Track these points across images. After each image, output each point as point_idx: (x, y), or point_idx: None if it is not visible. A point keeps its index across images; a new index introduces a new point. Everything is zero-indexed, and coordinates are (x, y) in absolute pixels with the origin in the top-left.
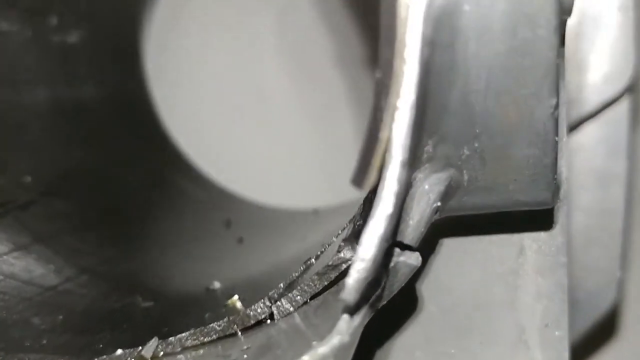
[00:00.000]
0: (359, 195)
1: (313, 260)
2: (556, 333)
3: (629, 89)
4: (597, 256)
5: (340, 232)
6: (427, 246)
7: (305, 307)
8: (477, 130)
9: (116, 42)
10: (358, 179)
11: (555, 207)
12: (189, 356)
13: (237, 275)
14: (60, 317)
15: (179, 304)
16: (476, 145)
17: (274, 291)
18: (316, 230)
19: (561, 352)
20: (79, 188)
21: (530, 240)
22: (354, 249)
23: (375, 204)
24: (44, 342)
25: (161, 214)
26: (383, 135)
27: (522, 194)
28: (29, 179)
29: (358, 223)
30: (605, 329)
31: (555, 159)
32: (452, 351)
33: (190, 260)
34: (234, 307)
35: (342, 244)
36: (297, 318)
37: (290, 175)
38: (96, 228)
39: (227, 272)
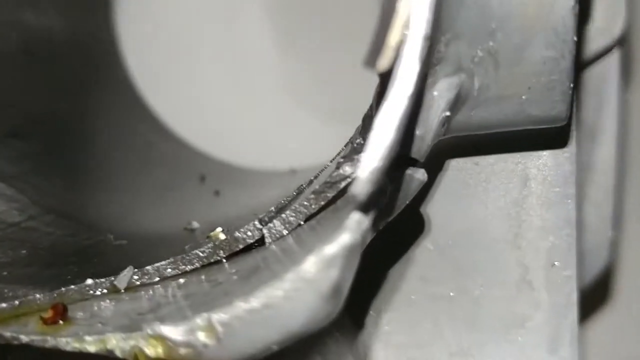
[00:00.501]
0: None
1: (304, 185)
2: (563, 273)
3: (620, 42)
4: (588, 214)
5: (335, 156)
6: (429, 168)
7: (299, 229)
8: (494, 26)
9: None
10: (371, 59)
11: (566, 128)
12: (169, 287)
13: (216, 220)
14: (24, 251)
15: (156, 241)
16: (491, 44)
17: (264, 214)
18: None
19: (569, 293)
20: (46, 132)
21: (536, 169)
22: (354, 165)
23: (391, 84)
24: (5, 273)
25: (132, 164)
26: (401, 6)
27: (535, 107)
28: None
29: (357, 141)
30: (598, 290)
31: (573, 62)
32: (451, 294)
33: (165, 205)
34: (217, 238)
35: (342, 160)
36: (290, 239)
37: (266, 135)
38: (63, 172)
39: (205, 216)
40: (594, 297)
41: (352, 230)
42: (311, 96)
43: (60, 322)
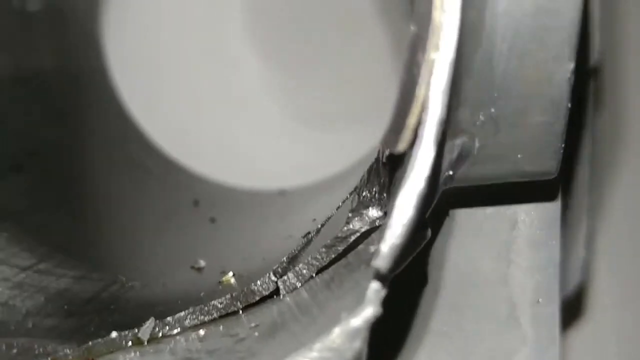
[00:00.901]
0: (324, 175)
1: (312, 234)
2: (547, 309)
3: (592, 72)
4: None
5: (340, 204)
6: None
7: (312, 282)
8: (496, 95)
9: (75, 13)
10: (390, 140)
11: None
12: (189, 337)
13: (217, 254)
14: (42, 298)
15: (166, 282)
16: (492, 110)
17: (277, 265)
18: (285, 211)
19: (552, 328)
20: (43, 165)
21: (524, 214)
22: (362, 220)
23: (410, 165)
24: (30, 325)
25: (130, 194)
26: (420, 92)
27: (529, 164)
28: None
29: (363, 194)
30: (571, 311)
31: (565, 126)
32: (445, 329)
33: (165, 238)
34: (229, 284)
35: (350, 215)
36: (304, 294)
37: (255, 156)
38: (64, 206)
39: (206, 250)
40: (567, 317)
41: (374, 303)
42: (300, 118)
43: None
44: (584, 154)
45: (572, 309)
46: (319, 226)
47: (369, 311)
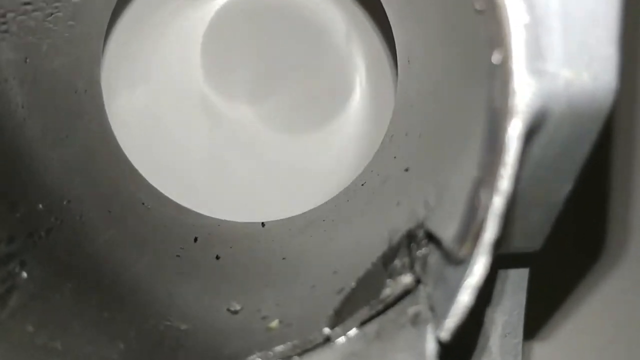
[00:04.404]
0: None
1: (348, 289)
2: (513, 341)
3: None
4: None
5: (371, 265)
6: None
7: (359, 332)
8: (515, 200)
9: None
10: (457, 243)
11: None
12: None
13: (240, 291)
14: (122, 346)
15: (214, 326)
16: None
17: (327, 318)
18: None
19: (516, 355)
20: (81, 215)
21: (502, 271)
22: (396, 285)
23: (469, 270)
24: None
25: (144, 236)
26: (479, 218)
27: (522, 243)
28: (40, 206)
29: (393, 264)
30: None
31: (554, 219)
32: None
33: (184, 280)
34: (276, 329)
35: (388, 281)
36: (357, 343)
37: (238, 190)
38: (97, 257)
39: (228, 288)
40: None
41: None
42: (280, 154)
43: None
44: None
45: None
46: (355, 285)
47: None
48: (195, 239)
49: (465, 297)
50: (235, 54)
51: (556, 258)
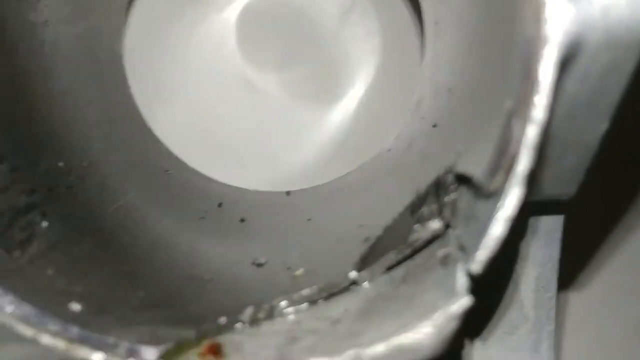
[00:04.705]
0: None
1: (373, 240)
2: (546, 295)
3: None
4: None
5: (396, 216)
6: None
7: (385, 276)
8: (548, 140)
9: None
10: (489, 176)
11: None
12: (286, 321)
13: (266, 250)
14: (142, 293)
15: (238, 276)
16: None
17: (353, 264)
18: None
19: (549, 310)
20: (101, 177)
21: (534, 219)
22: (425, 230)
23: (501, 201)
24: (146, 316)
25: (162, 197)
26: (512, 149)
27: (555, 189)
28: (62, 164)
29: (422, 210)
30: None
31: (590, 162)
32: None
33: (207, 239)
34: (301, 277)
35: (415, 226)
36: (383, 286)
37: (262, 161)
38: (117, 215)
39: (253, 247)
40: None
41: (468, 294)
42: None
43: (220, 355)
44: None
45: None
46: (381, 233)
47: (465, 300)
48: (220, 205)
49: (497, 229)
50: (265, 25)
51: (591, 205)
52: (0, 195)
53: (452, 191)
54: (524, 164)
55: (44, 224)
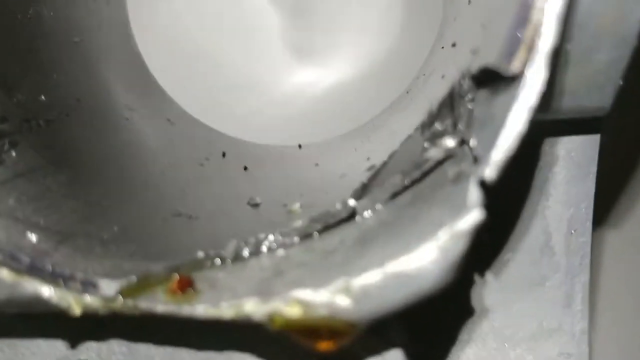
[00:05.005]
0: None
1: (378, 164)
2: (580, 239)
3: None
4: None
5: (406, 138)
6: None
7: (389, 203)
8: (574, 31)
9: None
10: (505, 61)
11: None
12: (273, 256)
13: (264, 193)
14: (115, 228)
15: (228, 217)
16: (568, 47)
17: (353, 192)
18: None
19: (583, 257)
20: (85, 115)
21: (564, 151)
22: (438, 149)
23: (522, 84)
24: (112, 249)
25: (160, 142)
26: (535, 17)
27: (588, 99)
28: (43, 97)
29: (434, 127)
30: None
31: (628, 62)
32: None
33: (203, 183)
34: (297, 212)
35: (426, 145)
36: (385, 213)
37: (274, 112)
38: (108, 153)
39: (252, 191)
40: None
41: (479, 208)
42: (317, 72)
43: (191, 290)
44: None
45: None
46: (387, 159)
47: (475, 214)
48: (224, 154)
49: (517, 123)
50: None
51: (630, 126)
52: None
53: (469, 100)
54: (548, 37)
55: (12, 153)
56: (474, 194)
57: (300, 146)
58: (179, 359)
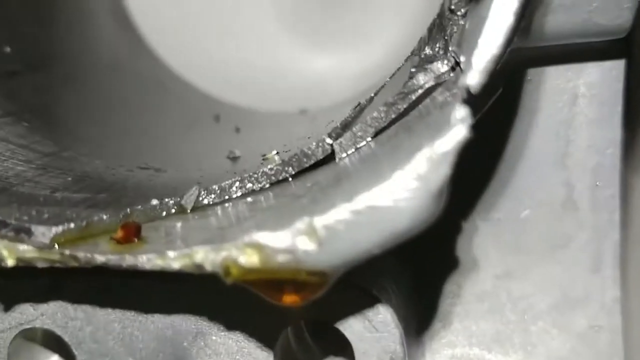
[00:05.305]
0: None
1: (364, 101)
2: (607, 192)
3: None
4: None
5: (393, 74)
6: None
7: (372, 142)
8: None
9: None
10: None
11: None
12: (237, 204)
13: (249, 151)
14: (69, 178)
15: (203, 169)
16: None
17: (331, 130)
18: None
19: (612, 212)
20: (60, 70)
21: (585, 87)
22: (427, 75)
23: None
24: (59, 198)
25: (147, 104)
26: None
27: (602, 15)
28: (8, 49)
29: (425, 52)
30: None
31: None
32: (499, 216)
33: (193, 139)
34: (274, 160)
35: (413, 70)
36: (366, 150)
37: (275, 77)
38: (85, 108)
39: (238, 147)
40: None
41: (463, 124)
42: (319, 35)
43: (136, 240)
44: None
45: None
46: (372, 95)
47: (458, 132)
48: (217, 118)
49: (504, 15)
50: None
51: None
52: None
53: (461, 15)
54: None
55: None
56: (457, 110)
57: (303, 112)
58: (140, 323)
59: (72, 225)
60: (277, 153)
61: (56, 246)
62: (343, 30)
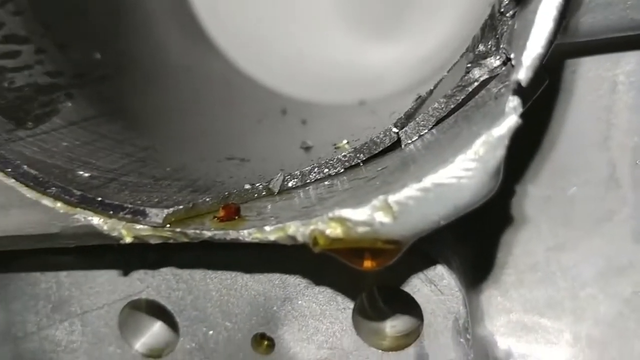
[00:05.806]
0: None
1: (426, 95)
2: None
3: None
4: None
5: (450, 69)
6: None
7: (435, 129)
8: None
9: None
10: None
11: None
12: (318, 187)
13: (319, 141)
14: (168, 169)
15: (280, 159)
16: None
17: (396, 120)
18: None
19: None
20: (138, 73)
21: (624, 76)
22: (482, 69)
23: None
24: (162, 184)
25: (218, 100)
26: None
27: (638, 11)
28: (98, 55)
29: (479, 49)
30: None
31: None
32: (548, 193)
33: (264, 132)
34: (345, 148)
35: (469, 65)
36: (429, 137)
37: (335, 71)
38: (162, 109)
39: (308, 138)
40: None
41: (515, 112)
42: (378, 29)
43: (236, 218)
44: None
45: None
46: (432, 87)
47: (511, 120)
48: (284, 111)
49: (547, 19)
50: None
51: None
52: (21, 72)
53: (510, 16)
54: None
55: (68, 104)
56: (511, 102)
57: (361, 102)
58: (235, 291)
59: (180, 207)
60: (347, 142)
61: (167, 225)
62: (401, 25)
